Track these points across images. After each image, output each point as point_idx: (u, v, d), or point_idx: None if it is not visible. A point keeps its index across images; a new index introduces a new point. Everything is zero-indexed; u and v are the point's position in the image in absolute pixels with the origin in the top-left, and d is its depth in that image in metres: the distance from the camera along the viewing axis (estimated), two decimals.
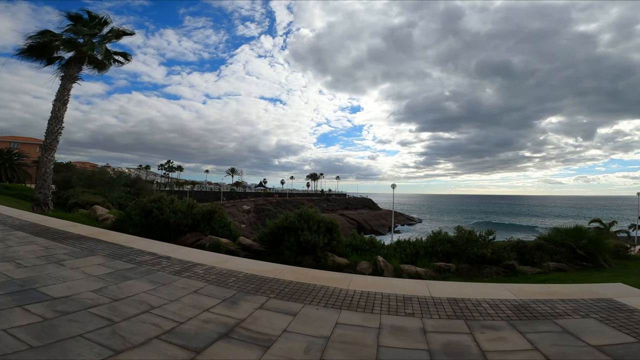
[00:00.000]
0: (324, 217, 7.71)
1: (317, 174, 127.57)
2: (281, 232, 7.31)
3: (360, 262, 7.73)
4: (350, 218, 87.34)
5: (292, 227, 7.25)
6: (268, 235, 7.46)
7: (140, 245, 6.56)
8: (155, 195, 9.61)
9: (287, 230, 7.30)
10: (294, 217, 7.33)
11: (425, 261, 8.60)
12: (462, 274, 8.44)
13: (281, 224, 7.32)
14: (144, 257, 5.57)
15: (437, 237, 10.05)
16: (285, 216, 7.65)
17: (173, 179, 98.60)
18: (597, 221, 40.57)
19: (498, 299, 4.28)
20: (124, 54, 17.74)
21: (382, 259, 7.85)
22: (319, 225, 7.35)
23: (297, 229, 7.18)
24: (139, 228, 8.74)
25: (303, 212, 7.49)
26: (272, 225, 7.39)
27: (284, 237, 7.23)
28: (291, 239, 7.07)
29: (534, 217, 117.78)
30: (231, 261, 5.77)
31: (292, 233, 7.19)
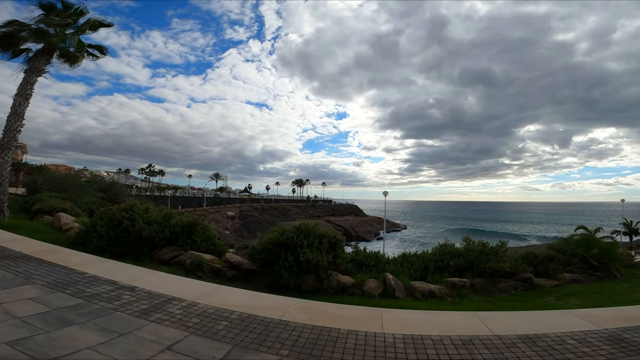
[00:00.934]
0: (326, 230, 6.61)
1: (302, 180, 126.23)
2: (277, 250, 6.15)
3: (367, 280, 6.71)
4: (337, 224, 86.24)
5: (289, 243, 6.10)
6: (261, 252, 6.27)
7: (97, 268, 5.22)
8: (126, 203, 8.28)
9: (284, 247, 6.15)
10: (292, 232, 6.19)
11: (437, 276, 7.85)
12: (477, 289, 7.73)
13: (277, 239, 6.16)
14: (99, 288, 4.25)
15: (446, 249, 9.20)
16: (280, 230, 6.48)
17: (154, 184, 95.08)
18: (583, 228, 41.07)
19: (580, 330, 3.43)
20: (99, 47, 16.22)
21: (391, 276, 6.87)
22: (321, 241, 6.23)
23: (296, 246, 6.04)
24: (106, 241, 7.40)
25: (302, 226, 6.35)
26: (266, 241, 6.21)
27: (280, 255, 6.07)
28: (289, 257, 5.91)
29: (515, 223, 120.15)
30: (219, 293, 4.57)
31: (290, 250, 6.04)
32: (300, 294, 5.85)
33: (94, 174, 53.32)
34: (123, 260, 7.23)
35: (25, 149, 52.36)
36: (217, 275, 6.37)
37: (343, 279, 6.36)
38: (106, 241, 7.41)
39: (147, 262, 7.12)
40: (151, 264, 7.10)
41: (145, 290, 4.30)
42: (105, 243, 7.43)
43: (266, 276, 6.28)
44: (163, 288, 4.48)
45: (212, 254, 7.35)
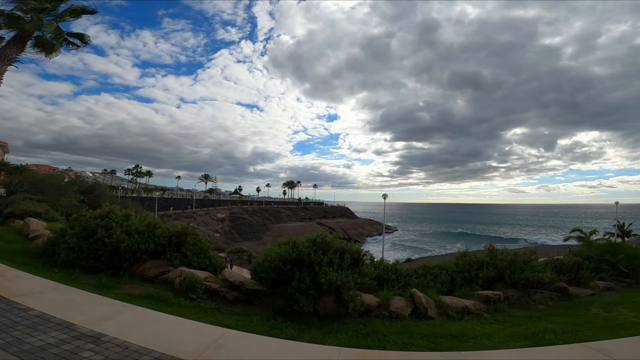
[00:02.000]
0: (346, 244, 5.51)
1: (294, 182, 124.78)
2: (289, 268, 5.01)
3: (393, 298, 5.69)
4: (329, 227, 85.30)
5: (304, 260, 4.97)
6: (269, 271, 5.12)
7: (50, 302, 3.89)
8: (102, 209, 7.03)
9: (298, 264, 5.02)
10: (307, 247, 5.04)
11: (466, 289, 7.05)
12: (513, 302, 6.99)
13: (288, 255, 5.01)
14: (46, 337, 2.93)
15: (470, 259, 8.26)
16: (291, 243, 5.34)
17: (141, 185, 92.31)
18: (578, 230, 41.11)
19: None
20: (80, 35, 14.78)
21: (421, 293, 5.86)
22: (342, 256, 5.13)
23: (313, 263, 4.91)
24: (77, 254, 6.17)
25: (319, 239, 5.22)
26: (275, 257, 5.06)
27: (292, 274, 4.94)
28: (305, 278, 4.76)
29: (503, 225, 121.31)
30: (230, 344, 3.27)
31: (305, 269, 4.93)
32: (319, 320, 4.78)
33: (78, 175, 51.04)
34: (98, 277, 6.02)
35: (6, 148, 49.74)
36: (214, 297, 5.21)
37: (367, 298, 5.29)
38: (77, 254, 6.18)
39: (127, 280, 5.92)
40: (132, 282, 5.90)
41: (118, 342, 2.99)
42: (76, 256, 6.19)
43: (275, 298, 5.15)
44: (145, 336, 3.21)
45: (207, 269, 6.18)
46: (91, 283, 5.67)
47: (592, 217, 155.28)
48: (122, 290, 5.38)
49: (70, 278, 5.91)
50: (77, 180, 23.02)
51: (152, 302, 4.79)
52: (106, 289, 5.43)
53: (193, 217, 65.00)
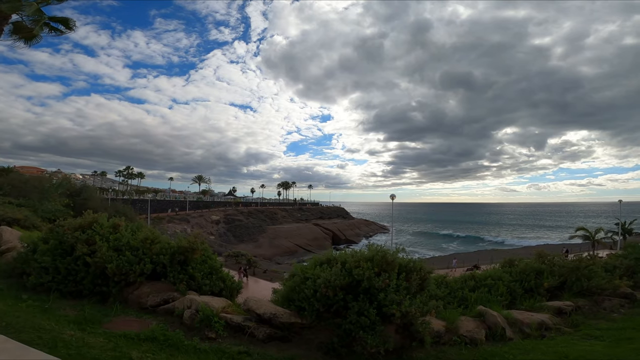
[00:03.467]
0: (411, 261, 4.26)
1: (289, 183, 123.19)
2: (341, 297, 3.71)
3: (459, 319, 4.53)
4: (325, 228, 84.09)
5: (363, 285, 3.69)
6: (312, 300, 3.79)
7: None
8: (84, 218, 5.62)
9: (352, 290, 3.74)
10: (367, 267, 3.75)
11: (530, 301, 6.33)
12: (585, 312, 6.31)
13: (339, 281, 3.69)
14: None
15: (526, 266, 7.23)
16: (339, 262, 4.04)
17: (133, 187, 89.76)
18: (583, 229, 40.69)
19: None
20: (64, 20, 13.25)
21: (494, 311, 4.81)
22: (409, 276, 3.87)
23: (376, 290, 3.64)
24: (52, 275, 4.81)
25: (378, 256, 3.92)
26: (322, 282, 3.75)
27: (345, 304, 3.68)
28: (369, 310, 3.48)
29: (498, 226, 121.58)
30: None
31: (363, 296, 3.66)
32: (383, 357, 3.50)
33: (66, 177, 48.92)
34: (80, 306, 4.66)
35: None
36: (238, 333, 3.89)
37: (435, 324, 4.10)
38: (52, 275, 4.82)
39: (119, 309, 4.57)
40: (125, 312, 4.55)
41: None
42: (50, 278, 4.83)
43: (318, 331, 3.89)
44: None
45: (220, 294, 4.88)
46: (71, 316, 4.31)
47: (584, 216, 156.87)
48: (113, 326, 4.05)
49: (42, 308, 4.55)
50: (63, 182, 21.34)
51: (158, 348, 3.47)
52: (91, 325, 4.08)
53: (187, 220, 63.14)
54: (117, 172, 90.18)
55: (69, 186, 21.41)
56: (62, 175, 57.18)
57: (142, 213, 48.43)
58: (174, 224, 58.90)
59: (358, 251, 4.63)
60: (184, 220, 62.14)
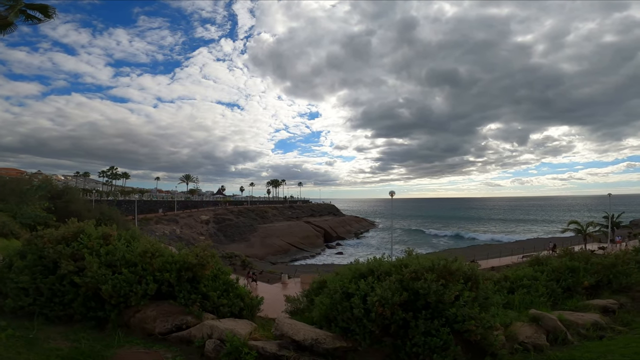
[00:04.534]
0: (471, 266, 3.67)
1: (278, 181, 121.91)
2: (400, 316, 3.04)
3: (513, 325, 4.06)
4: (317, 225, 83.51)
5: (429, 300, 3.05)
6: (364, 320, 3.10)
7: None
8: (68, 227, 4.73)
9: (410, 305, 3.10)
10: (430, 279, 3.11)
11: (572, 301, 5.99)
12: (628, 310, 5.91)
13: (397, 298, 3.03)
14: None
15: (561, 264, 6.86)
16: (393, 270, 3.39)
17: (117, 187, 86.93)
18: (575, 223, 41.30)
19: None
20: (42, 7, 12.12)
21: (551, 315, 4.41)
22: (473, 285, 3.29)
23: (442, 303, 3.03)
24: (32, 297, 3.99)
25: (439, 265, 3.28)
26: (379, 299, 3.07)
27: (405, 323, 3.05)
28: (440, 329, 2.84)
29: (490, 222, 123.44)
30: None
31: (426, 313, 3.06)
32: None
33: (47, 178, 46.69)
34: (73, 335, 3.87)
35: None
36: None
37: (500, 332, 3.56)
38: (32, 297, 4.00)
39: (121, 338, 3.79)
40: (131, 342, 3.78)
41: None
42: (31, 301, 4.01)
43: (367, 356, 3.23)
44: None
45: (241, 314, 4.15)
46: (64, 350, 3.52)
47: (566, 210, 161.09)
48: None
49: (26, 339, 3.74)
50: (44, 184, 19.93)
51: None
52: None
53: (175, 220, 61.48)
54: (100, 172, 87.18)
55: (50, 188, 20.04)
56: (42, 176, 54.69)
57: (128, 214, 46.76)
58: (162, 225, 57.23)
59: (402, 259, 4.03)
60: (173, 221, 60.47)
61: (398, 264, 3.86)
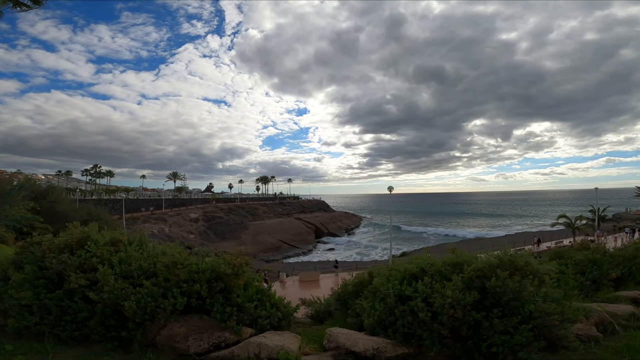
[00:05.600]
0: (538, 262, 3.42)
1: (268, 177, 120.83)
2: (473, 317, 2.74)
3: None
4: (308, 222, 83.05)
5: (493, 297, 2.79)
6: (435, 325, 2.75)
7: None
8: (71, 232, 4.08)
9: (478, 304, 2.81)
10: (503, 276, 2.86)
11: (603, 292, 5.95)
12: None
13: (470, 298, 2.76)
14: None
15: (587, 256, 6.81)
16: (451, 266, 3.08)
17: (102, 186, 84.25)
18: (564, 217, 42.16)
19: None
20: None
21: (598, 307, 4.35)
22: (541, 281, 3.09)
23: (518, 300, 2.83)
24: (38, 316, 3.42)
25: (507, 259, 3.02)
26: (451, 301, 2.75)
27: (476, 323, 2.76)
28: (516, 324, 2.81)
29: (478, 216, 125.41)
30: None
31: (497, 311, 2.90)
32: None
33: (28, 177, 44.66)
34: (94, 356, 3.33)
35: None
36: None
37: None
38: (38, 316, 3.43)
39: (151, 359, 3.27)
40: None
41: None
42: (38, 320, 3.44)
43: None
44: None
45: (279, 325, 3.69)
46: None
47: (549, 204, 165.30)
48: None
49: None
50: (26, 184, 18.75)
51: None
52: None
53: (164, 219, 59.98)
54: (83, 171, 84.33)
55: (33, 188, 18.90)
56: (23, 176, 52.31)
57: (114, 213, 45.15)
58: (151, 224, 55.74)
59: (451, 257, 3.73)
60: (161, 220, 58.97)
61: (449, 262, 3.61)
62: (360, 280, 4.81)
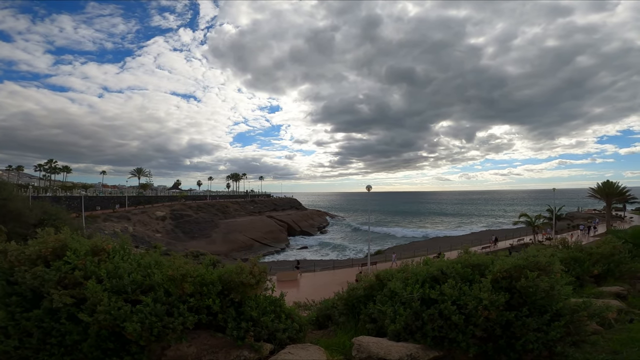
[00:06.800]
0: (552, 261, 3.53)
1: (239, 174, 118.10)
2: (510, 316, 2.81)
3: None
4: (280, 220, 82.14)
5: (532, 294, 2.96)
6: (470, 327, 2.81)
7: None
8: (44, 240, 3.46)
9: (507, 302, 2.96)
10: (532, 276, 3.03)
11: (588, 288, 6.24)
12: (632, 295, 6.16)
13: (502, 299, 2.99)
14: None
15: (570, 254, 7.31)
16: (472, 267, 3.11)
17: (57, 182, 78.04)
18: (525, 216, 44.71)
19: None
20: None
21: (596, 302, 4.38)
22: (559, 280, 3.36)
23: (547, 298, 3.08)
24: (16, 341, 2.87)
25: (531, 262, 3.09)
26: (487, 303, 2.87)
27: (507, 323, 2.84)
28: (547, 321, 3.01)
29: (444, 215, 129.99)
30: None
31: (526, 310, 3.11)
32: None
33: None
34: None
35: None
36: None
37: None
38: (18, 339, 2.89)
39: None
40: None
41: None
42: (17, 344, 2.89)
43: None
44: None
45: (298, 337, 3.36)
46: None
47: (510, 204, 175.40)
48: None
49: None
50: None
51: None
52: None
53: (127, 217, 56.66)
54: (37, 166, 77.57)
55: None
56: None
57: (71, 211, 41.92)
58: (112, 223, 52.48)
59: (466, 257, 3.70)
60: (124, 218, 55.70)
61: (468, 264, 3.58)
62: (370, 284, 4.60)
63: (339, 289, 5.95)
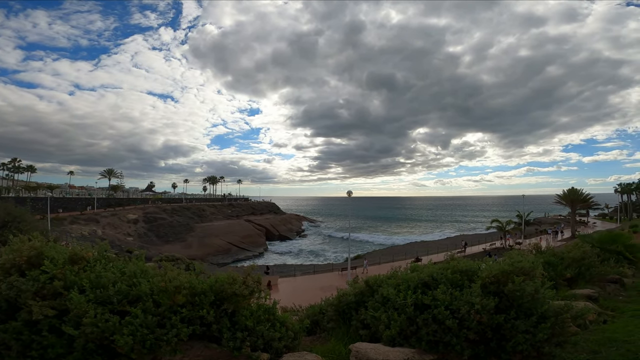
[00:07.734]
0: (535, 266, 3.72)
1: (216, 177, 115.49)
2: (499, 319, 3.04)
3: None
4: (258, 224, 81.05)
5: (518, 298, 3.25)
6: (464, 331, 3.04)
7: None
8: (18, 249, 3.17)
9: (495, 306, 3.24)
10: (519, 280, 3.35)
11: (563, 290, 6.41)
12: (602, 297, 6.54)
13: (493, 303, 3.22)
14: None
15: (544, 258, 7.56)
16: (460, 273, 3.36)
17: (20, 182, 73.31)
18: (496, 221, 46.51)
19: None
20: None
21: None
22: (542, 283, 3.59)
23: (533, 301, 3.40)
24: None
25: (520, 266, 3.38)
26: (479, 307, 3.20)
27: (497, 326, 3.02)
28: (535, 323, 3.18)
29: (419, 221, 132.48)
30: None
31: (514, 312, 3.32)
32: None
33: None
34: None
35: None
36: None
37: None
38: None
39: None
40: None
41: None
42: None
43: None
44: None
45: (293, 345, 3.30)
46: None
47: (482, 209, 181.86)
48: None
49: None
50: None
51: None
52: None
53: (96, 219, 54.00)
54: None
55: None
56: None
57: (36, 213, 39.50)
58: (80, 225, 49.87)
59: (452, 264, 3.89)
60: (93, 221, 53.07)
61: (458, 270, 3.75)
62: (360, 290, 4.63)
63: (321, 294, 5.89)
